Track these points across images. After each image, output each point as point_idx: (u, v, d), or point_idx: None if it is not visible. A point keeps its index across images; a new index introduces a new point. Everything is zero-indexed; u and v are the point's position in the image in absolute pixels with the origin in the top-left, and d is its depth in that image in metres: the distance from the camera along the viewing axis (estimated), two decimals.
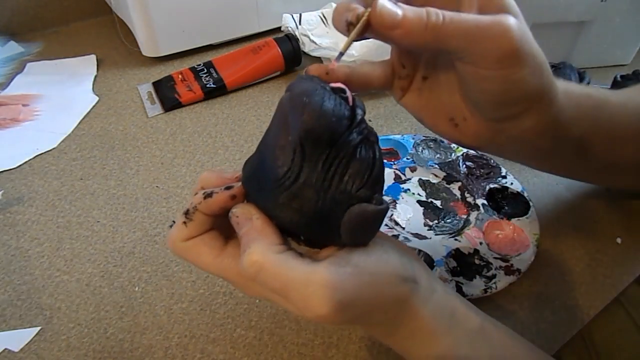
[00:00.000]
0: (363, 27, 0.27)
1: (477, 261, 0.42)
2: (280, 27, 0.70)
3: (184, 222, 0.28)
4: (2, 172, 0.52)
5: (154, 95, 0.62)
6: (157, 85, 0.63)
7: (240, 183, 0.28)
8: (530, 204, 0.46)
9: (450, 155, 0.52)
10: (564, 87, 0.32)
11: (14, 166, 0.52)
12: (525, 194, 0.47)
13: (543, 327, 0.38)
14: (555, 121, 0.31)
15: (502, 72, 0.26)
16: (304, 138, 0.24)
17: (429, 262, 0.41)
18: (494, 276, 0.40)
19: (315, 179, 0.25)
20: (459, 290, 0.39)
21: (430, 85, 0.33)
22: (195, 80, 0.62)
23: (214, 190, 0.27)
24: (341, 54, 0.28)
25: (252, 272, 0.25)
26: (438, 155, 0.52)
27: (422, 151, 0.52)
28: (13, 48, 0.70)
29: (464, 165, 0.51)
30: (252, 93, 0.64)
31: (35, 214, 0.47)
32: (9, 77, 0.65)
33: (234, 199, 0.27)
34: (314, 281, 0.24)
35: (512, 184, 0.48)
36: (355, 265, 0.26)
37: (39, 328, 0.38)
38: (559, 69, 0.56)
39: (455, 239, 0.43)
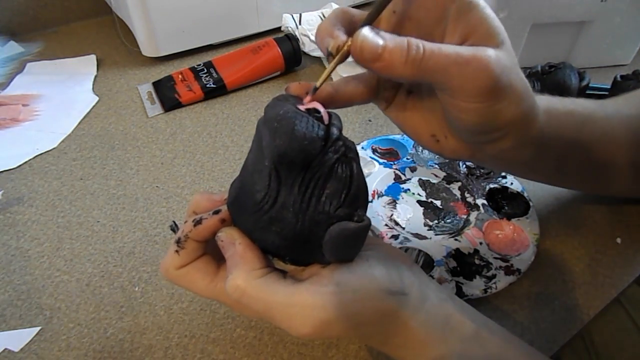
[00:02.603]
0: (342, 57, 0.27)
1: (477, 261, 0.42)
2: (280, 27, 0.70)
3: (177, 251, 0.28)
4: (2, 172, 0.52)
5: (154, 95, 0.62)
6: (157, 85, 0.63)
7: (226, 206, 0.28)
8: (530, 204, 0.46)
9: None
10: (547, 105, 0.32)
11: (14, 166, 0.52)
12: (525, 194, 0.47)
13: (543, 327, 0.38)
14: (534, 140, 0.31)
15: (480, 105, 0.27)
16: (277, 163, 0.25)
17: (429, 262, 0.41)
18: (494, 276, 0.40)
19: (293, 202, 0.25)
20: (459, 290, 0.39)
21: (414, 101, 0.33)
22: (195, 80, 0.62)
23: (202, 216, 0.28)
24: (316, 88, 0.28)
25: (235, 297, 0.26)
26: (438, 155, 0.52)
27: (422, 151, 0.52)
28: (13, 48, 0.70)
29: (464, 165, 0.51)
30: (252, 93, 0.64)
31: (35, 214, 0.47)
32: (9, 77, 0.65)
33: (223, 223, 0.28)
34: (295, 303, 0.25)
35: (512, 184, 0.48)
36: (337, 283, 0.26)
37: (39, 328, 0.38)
38: (559, 69, 0.56)
39: (455, 239, 0.43)
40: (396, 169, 0.50)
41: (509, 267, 0.41)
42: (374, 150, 0.52)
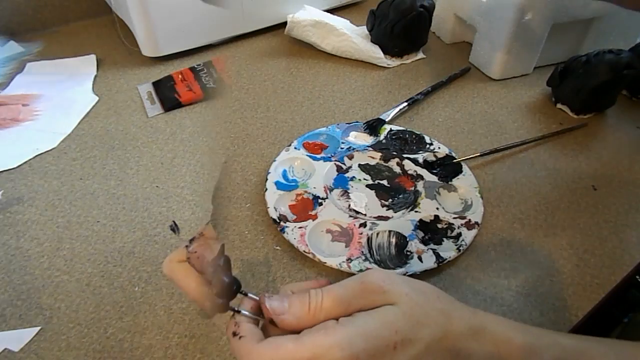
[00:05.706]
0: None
1: (439, 225, 0.44)
2: None
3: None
4: (2, 172, 0.52)
5: (154, 95, 0.63)
6: (157, 85, 0.64)
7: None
8: (462, 164, 0.50)
9: (378, 135, 0.55)
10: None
11: (14, 166, 0.53)
12: (454, 154, 0.51)
13: None
14: None
15: None
16: None
17: (402, 238, 0.43)
18: (459, 235, 0.43)
19: None
20: (437, 256, 0.41)
21: None
22: (195, 80, 0.63)
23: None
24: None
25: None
26: (369, 138, 0.55)
27: (353, 137, 0.55)
28: (13, 48, 0.70)
29: (393, 142, 0.53)
30: None
31: (35, 214, 0.48)
32: (9, 77, 0.66)
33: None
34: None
35: (439, 148, 0.52)
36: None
37: (39, 328, 0.38)
38: (568, 65, 0.59)
39: (415, 211, 0.45)
40: (335, 160, 0.51)
41: (468, 223, 0.44)
42: (306, 148, 0.53)
